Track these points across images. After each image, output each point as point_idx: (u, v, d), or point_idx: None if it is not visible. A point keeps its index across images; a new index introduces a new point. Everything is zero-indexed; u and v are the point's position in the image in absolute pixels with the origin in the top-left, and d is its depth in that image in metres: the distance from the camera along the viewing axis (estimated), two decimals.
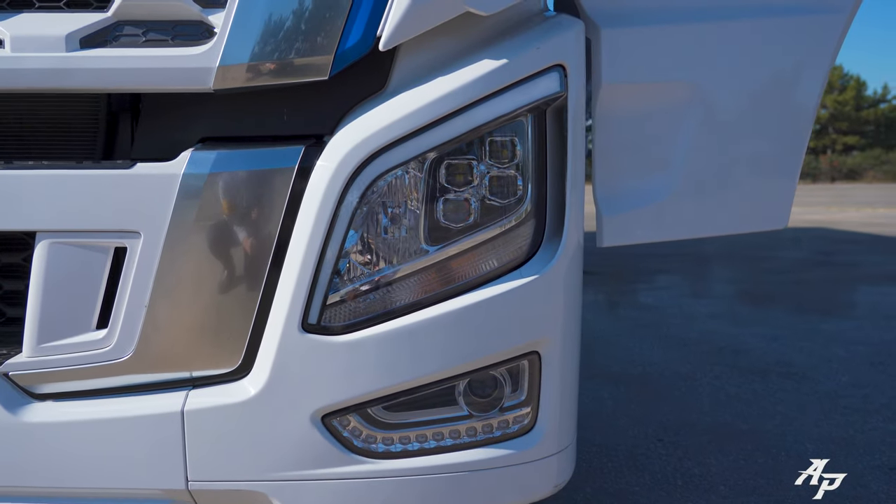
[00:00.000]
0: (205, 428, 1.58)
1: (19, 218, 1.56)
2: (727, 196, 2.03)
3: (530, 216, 1.67)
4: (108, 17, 1.52)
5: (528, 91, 1.62)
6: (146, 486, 1.60)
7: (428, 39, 1.62)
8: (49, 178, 1.55)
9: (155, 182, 1.54)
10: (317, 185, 1.56)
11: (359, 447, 1.63)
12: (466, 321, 1.63)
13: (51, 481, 1.61)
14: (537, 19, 1.74)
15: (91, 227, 1.56)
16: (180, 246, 1.55)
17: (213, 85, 1.51)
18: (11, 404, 1.59)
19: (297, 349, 1.57)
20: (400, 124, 1.57)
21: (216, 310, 1.59)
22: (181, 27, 1.53)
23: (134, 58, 1.51)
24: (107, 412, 1.60)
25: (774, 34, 1.95)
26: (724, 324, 6.50)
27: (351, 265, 1.60)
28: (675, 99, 1.96)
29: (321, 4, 1.53)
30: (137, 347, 1.58)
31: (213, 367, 1.62)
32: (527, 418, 1.71)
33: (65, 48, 1.50)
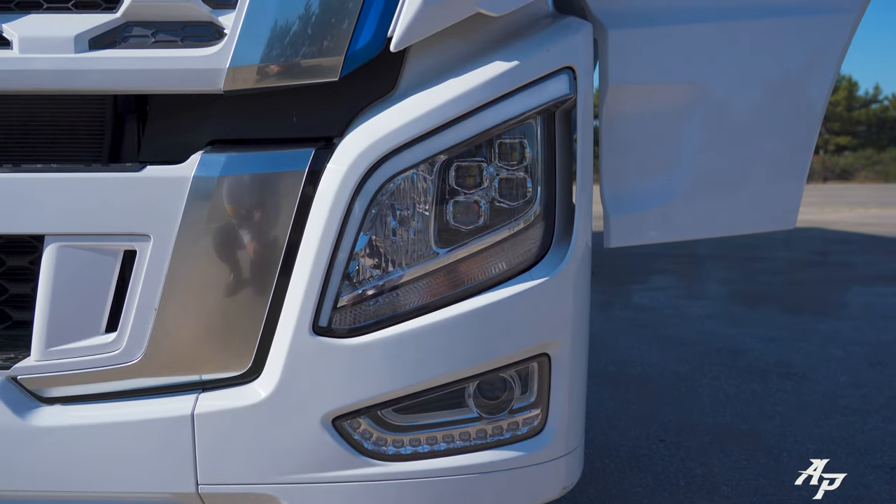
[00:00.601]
0: (215, 431, 1.57)
1: (28, 221, 1.55)
2: (735, 197, 2.03)
3: (540, 218, 1.67)
4: (117, 17, 1.50)
5: (538, 93, 1.62)
6: (156, 490, 1.59)
7: (437, 41, 1.61)
8: (58, 181, 1.54)
9: (165, 185, 1.53)
10: (327, 188, 1.55)
11: (369, 450, 1.63)
12: (476, 323, 1.62)
13: (59, 485, 1.60)
14: (545, 21, 1.74)
15: (100, 230, 1.55)
16: (190, 249, 1.54)
17: (224, 86, 1.50)
18: (20, 408, 1.58)
19: (307, 352, 1.56)
20: (410, 127, 1.56)
21: (226, 313, 1.59)
22: (191, 28, 1.53)
23: (143, 59, 1.50)
24: (116, 416, 1.59)
25: (782, 35, 1.95)
26: (721, 324, 6.51)
27: (361, 268, 1.60)
28: (682, 100, 1.96)
29: (332, 5, 1.52)
30: (147, 351, 1.57)
31: (223, 371, 1.61)
32: (536, 420, 1.71)
33: (73, 49, 1.49)
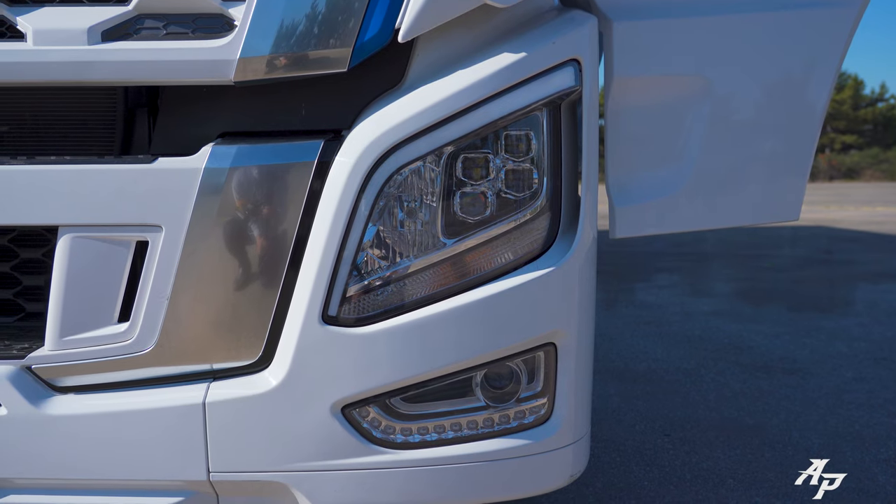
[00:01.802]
0: (226, 419, 1.59)
1: (42, 213, 1.57)
2: (739, 188, 2.04)
3: (546, 209, 1.69)
4: (129, 10, 1.53)
5: (544, 85, 1.63)
6: (168, 478, 1.62)
7: (444, 33, 1.63)
8: (71, 172, 1.56)
9: (177, 176, 1.55)
10: (336, 179, 1.57)
11: (378, 437, 1.65)
12: (483, 313, 1.64)
13: (73, 473, 1.62)
14: (551, 14, 1.76)
15: (113, 221, 1.57)
16: (201, 239, 1.57)
17: (234, 77, 1.52)
18: (34, 397, 1.60)
19: (317, 341, 1.58)
20: (417, 119, 1.58)
21: (237, 302, 1.61)
22: (201, 20, 1.55)
23: (155, 50, 1.52)
24: (129, 405, 1.61)
25: (786, 27, 1.96)
26: (727, 321, 6.51)
27: (369, 258, 1.62)
28: (686, 92, 1.97)
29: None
30: (159, 340, 1.60)
31: (234, 360, 1.63)
32: (543, 409, 1.72)
33: (87, 41, 1.51)
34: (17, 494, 1.65)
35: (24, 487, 1.65)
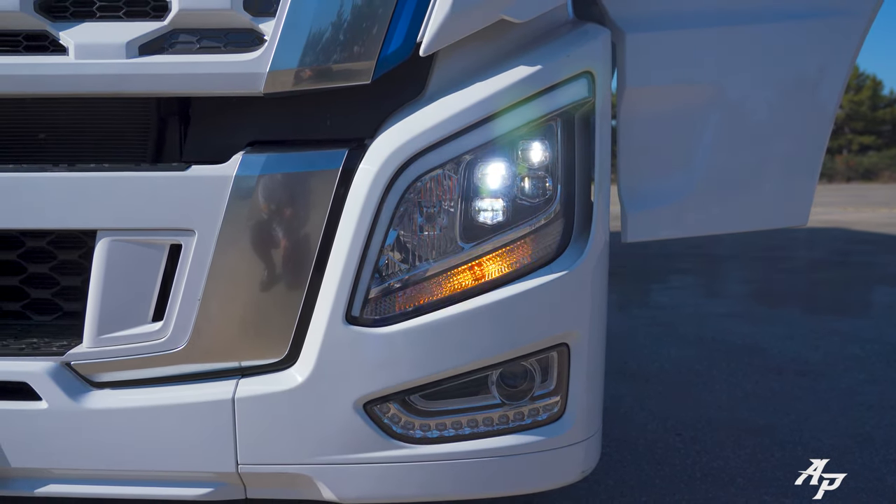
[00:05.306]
0: (254, 414, 1.68)
1: (82, 217, 1.66)
2: (748, 194, 2.10)
3: (559, 215, 1.76)
4: (164, 25, 1.61)
5: (559, 97, 1.71)
6: (199, 469, 1.70)
7: (463, 47, 1.70)
8: (109, 179, 1.65)
9: (209, 183, 1.64)
10: (359, 186, 1.65)
11: (398, 433, 1.72)
12: (499, 315, 1.71)
13: (108, 464, 1.71)
14: (566, 28, 1.82)
15: (148, 225, 1.66)
16: (232, 243, 1.65)
17: (264, 89, 1.60)
18: (73, 392, 1.69)
19: (341, 340, 1.66)
20: (438, 129, 1.65)
21: (264, 303, 1.69)
22: (233, 35, 1.63)
23: (190, 63, 1.60)
24: (162, 399, 1.70)
25: (795, 37, 2.02)
26: (740, 323, 6.54)
27: (391, 261, 1.69)
28: (697, 101, 2.03)
29: (365, 13, 1.61)
30: (191, 338, 1.68)
31: (262, 358, 1.71)
32: (556, 407, 1.79)
33: (125, 55, 1.59)
34: (57, 484, 1.74)
35: (64, 477, 1.74)
